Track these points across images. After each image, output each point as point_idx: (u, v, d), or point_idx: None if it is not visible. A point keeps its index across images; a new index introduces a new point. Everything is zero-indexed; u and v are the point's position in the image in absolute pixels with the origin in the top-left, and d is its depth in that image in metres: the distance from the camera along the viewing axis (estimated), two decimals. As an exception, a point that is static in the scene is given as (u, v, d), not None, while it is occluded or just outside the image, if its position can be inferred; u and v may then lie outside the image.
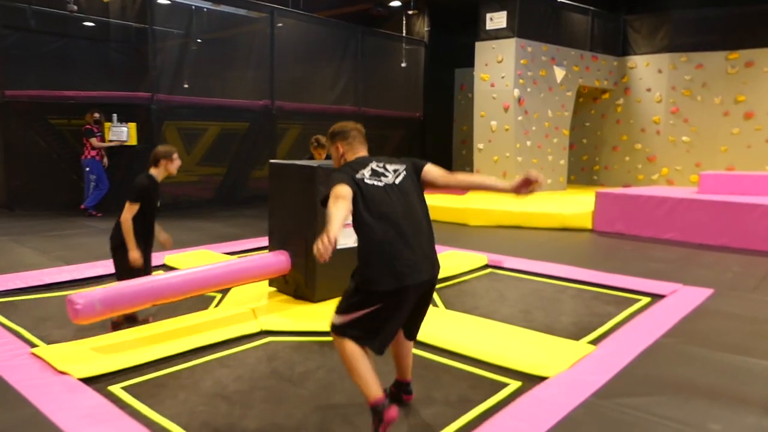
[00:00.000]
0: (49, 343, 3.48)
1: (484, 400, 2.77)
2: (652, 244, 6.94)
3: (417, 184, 2.51)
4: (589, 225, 7.87)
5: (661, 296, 4.55)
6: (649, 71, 11.57)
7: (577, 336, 3.67)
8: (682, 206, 7.16)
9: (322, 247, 1.98)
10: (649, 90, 11.56)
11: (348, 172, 2.42)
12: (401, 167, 2.51)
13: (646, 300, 4.49)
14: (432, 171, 2.55)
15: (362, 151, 2.62)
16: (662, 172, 11.47)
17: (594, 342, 3.55)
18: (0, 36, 8.33)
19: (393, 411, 2.28)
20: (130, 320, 3.73)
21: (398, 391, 2.70)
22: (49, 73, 8.67)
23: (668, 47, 11.25)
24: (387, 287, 2.29)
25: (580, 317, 4.11)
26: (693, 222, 7.05)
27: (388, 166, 2.49)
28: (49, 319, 3.98)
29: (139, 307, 3.47)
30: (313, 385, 2.93)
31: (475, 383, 2.97)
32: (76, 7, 8.29)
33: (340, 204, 2.22)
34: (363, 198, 2.34)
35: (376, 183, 2.40)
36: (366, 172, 2.42)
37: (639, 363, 3.19)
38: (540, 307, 4.36)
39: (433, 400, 2.78)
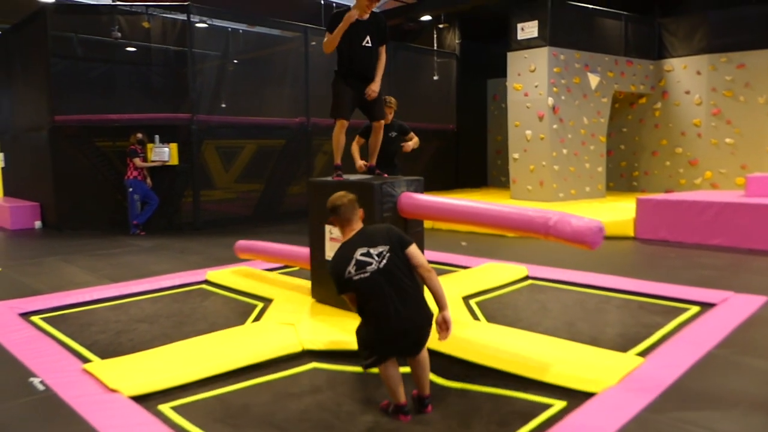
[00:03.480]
0: (92, 346, 3.78)
1: (526, 424, 2.70)
2: (698, 251, 6.74)
3: (402, 258, 2.81)
4: (631, 233, 7.70)
5: (711, 305, 4.40)
6: (687, 73, 11.30)
7: (624, 348, 3.58)
8: (729, 210, 6.94)
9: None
10: (687, 92, 11.29)
11: (339, 273, 2.78)
12: (385, 249, 2.79)
13: (695, 309, 4.35)
14: (413, 254, 2.84)
15: (355, 224, 2.94)
16: (706, 176, 11.15)
17: (642, 354, 3.45)
18: (50, 65, 8.71)
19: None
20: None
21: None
22: (94, 98, 9.02)
23: (706, 48, 10.98)
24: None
25: (626, 328, 4.00)
26: (741, 226, 6.82)
27: (372, 251, 2.77)
28: (93, 324, 4.32)
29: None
30: (361, 427, 2.78)
31: (517, 408, 2.89)
32: (120, 34, 8.63)
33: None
34: (357, 293, 2.77)
35: (362, 276, 2.73)
36: (352, 269, 2.75)
37: (692, 375, 3.09)
38: (584, 318, 4.27)
39: (473, 428, 2.72)
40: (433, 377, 3.12)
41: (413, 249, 2.86)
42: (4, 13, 12.45)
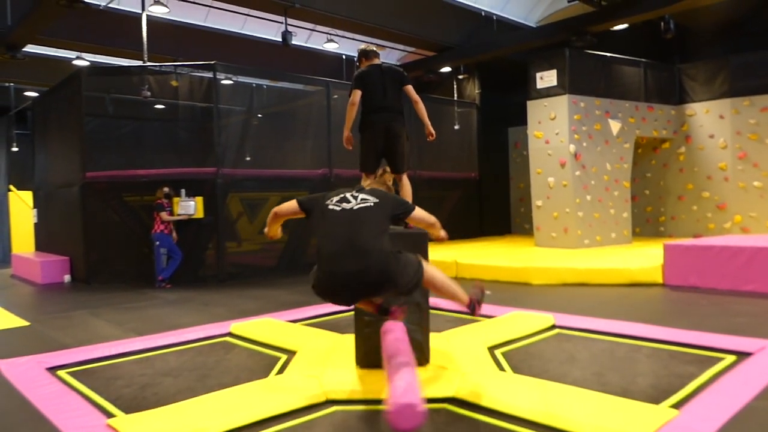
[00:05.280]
0: (117, 400, 3.73)
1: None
2: (731, 297, 6.54)
3: (381, 216, 2.78)
4: (659, 279, 7.53)
5: (747, 354, 4.23)
6: (709, 118, 11.26)
7: (656, 399, 3.44)
8: (762, 255, 6.76)
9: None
10: (711, 136, 11.22)
11: (323, 195, 2.94)
12: (372, 200, 2.79)
13: (731, 358, 4.19)
14: (415, 216, 2.97)
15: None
16: (735, 220, 10.93)
17: (676, 406, 3.31)
18: (83, 123, 9.07)
19: None
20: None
21: None
22: (124, 154, 9.33)
23: (728, 92, 10.96)
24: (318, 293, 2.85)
25: (658, 379, 3.86)
26: (775, 272, 6.63)
27: (360, 196, 2.83)
28: (119, 378, 4.29)
29: None
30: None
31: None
32: (149, 93, 8.98)
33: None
34: (322, 218, 2.79)
35: (335, 208, 2.78)
36: (336, 198, 2.84)
37: (730, 429, 2.95)
38: (614, 368, 4.14)
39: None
40: (457, 411, 3.02)
41: (416, 213, 2.98)
42: (43, 76, 13.15)
